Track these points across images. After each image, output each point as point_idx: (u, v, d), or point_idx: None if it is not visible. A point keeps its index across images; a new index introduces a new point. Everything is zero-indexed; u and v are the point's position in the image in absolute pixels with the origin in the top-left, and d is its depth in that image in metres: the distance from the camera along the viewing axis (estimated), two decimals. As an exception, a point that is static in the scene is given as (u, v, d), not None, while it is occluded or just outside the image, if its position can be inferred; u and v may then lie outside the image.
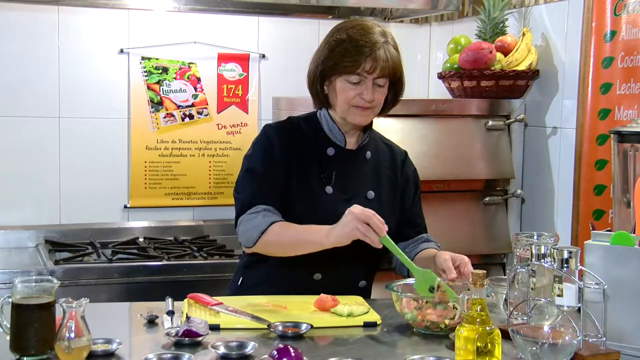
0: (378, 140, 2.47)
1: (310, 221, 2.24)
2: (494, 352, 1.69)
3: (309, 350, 1.89)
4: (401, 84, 2.36)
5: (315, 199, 2.32)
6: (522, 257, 2.08)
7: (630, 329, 1.91)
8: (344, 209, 2.15)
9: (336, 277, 2.33)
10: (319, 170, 2.33)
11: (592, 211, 2.90)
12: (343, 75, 2.27)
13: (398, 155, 2.48)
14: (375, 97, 2.28)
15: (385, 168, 2.43)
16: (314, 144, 2.36)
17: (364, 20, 2.37)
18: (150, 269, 3.04)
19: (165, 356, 1.77)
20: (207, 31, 3.65)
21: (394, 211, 2.40)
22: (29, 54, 3.42)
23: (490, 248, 3.19)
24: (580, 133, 2.97)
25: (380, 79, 2.26)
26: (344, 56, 2.25)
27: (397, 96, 2.38)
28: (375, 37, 2.25)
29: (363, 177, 2.38)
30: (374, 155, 2.42)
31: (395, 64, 2.27)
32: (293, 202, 2.31)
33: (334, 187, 2.33)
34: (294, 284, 2.31)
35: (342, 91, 2.28)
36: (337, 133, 2.36)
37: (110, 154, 3.56)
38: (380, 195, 2.38)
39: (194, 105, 3.65)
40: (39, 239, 3.39)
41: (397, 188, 2.44)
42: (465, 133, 3.17)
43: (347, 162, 2.37)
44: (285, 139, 2.34)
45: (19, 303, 1.78)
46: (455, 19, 3.76)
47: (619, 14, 2.82)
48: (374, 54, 2.23)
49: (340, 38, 2.29)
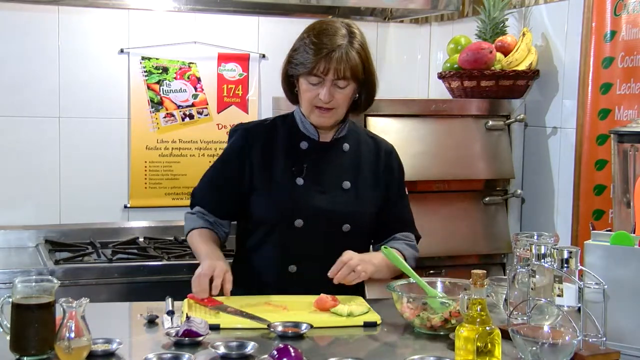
0: (362, 133, 2.52)
1: (285, 211, 2.35)
2: (494, 352, 1.69)
3: (309, 350, 1.89)
4: (371, 84, 2.40)
5: (285, 191, 2.37)
6: (522, 257, 2.08)
7: (630, 329, 1.91)
8: (316, 200, 2.34)
9: (311, 269, 2.36)
10: (291, 164, 2.39)
11: (592, 211, 2.90)
12: (303, 75, 2.33)
13: (383, 149, 2.51)
14: (335, 97, 2.32)
15: (368, 160, 2.46)
16: (288, 139, 2.43)
17: (332, 21, 2.41)
18: (150, 269, 3.04)
19: (165, 356, 1.78)
20: (207, 31, 3.65)
21: (374, 202, 2.44)
22: (29, 54, 3.42)
23: (490, 248, 3.19)
24: (580, 133, 2.97)
25: (340, 81, 2.31)
26: (303, 57, 2.32)
27: (370, 96, 2.43)
28: (336, 39, 2.30)
29: (339, 169, 2.42)
30: (353, 148, 2.46)
31: (354, 65, 2.30)
32: (262, 196, 2.39)
33: (306, 179, 2.38)
34: (269, 276, 2.36)
35: (304, 91, 2.36)
36: (310, 127, 2.42)
37: (110, 153, 3.56)
38: (357, 186, 2.42)
39: (194, 105, 3.65)
40: (39, 239, 3.39)
41: (380, 180, 2.46)
42: (465, 133, 3.17)
43: (322, 154, 2.42)
44: (251, 139, 2.42)
45: (19, 303, 1.78)
46: (455, 19, 3.76)
47: (619, 14, 2.82)
48: (329, 55, 2.28)
49: (303, 39, 2.36)
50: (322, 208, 2.36)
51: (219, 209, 2.45)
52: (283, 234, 2.37)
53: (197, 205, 2.48)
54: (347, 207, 2.38)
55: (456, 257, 3.15)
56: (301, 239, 2.36)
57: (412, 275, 2.23)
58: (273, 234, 2.39)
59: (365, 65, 2.34)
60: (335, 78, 2.29)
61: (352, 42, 2.32)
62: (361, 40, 2.35)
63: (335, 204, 2.37)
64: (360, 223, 2.40)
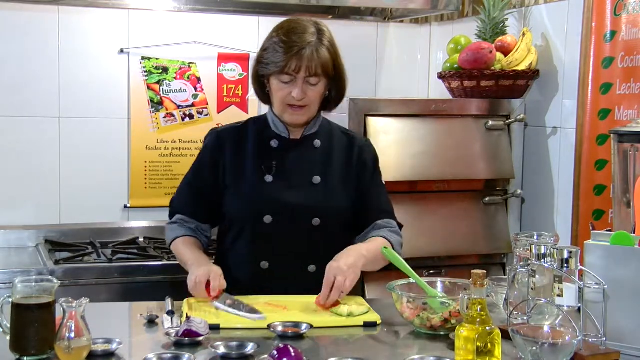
0: (335, 130, 2.54)
1: (254, 207, 2.39)
2: (494, 352, 1.70)
3: (309, 350, 1.89)
4: (341, 80, 2.44)
5: (253, 188, 2.41)
6: (522, 257, 2.08)
7: (630, 329, 1.91)
8: (285, 195, 2.38)
9: (283, 264, 2.39)
10: (261, 162, 2.43)
11: (592, 211, 2.90)
12: (275, 75, 2.36)
13: (357, 143, 2.53)
14: (307, 95, 2.36)
15: (340, 155, 2.49)
16: (259, 138, 2.47)
17: (300, 19, 2.43)
18: (150, 269, 3.04)
19: (165, 356, 1.78)
20: (207, 31, 3.65)
21: (346, 196, 2.45)
22: (29, 54, 3.42)
23: (490, 248, 3.19)
24: (580, 133, 2.97)
25: (312, 78, 2.34)
26: (273, 56, 2.35)
27: (341, 92, 2.47)
28: (305, 37, 2.33)
29: (310, 164, 2.45)
30: (325, 144, 2.48)
31: (325, 62, 2.34)
32: (232, 195, 2.43)
33: (275, 176, 2.41)
34: (243, 273, 2.38)
35: (276, 90, 2.39)
36: (280, 125, 2.45)
37: (110, 153, 3.56)
38: (328, 180, 2.44)
39: (194, 105, 3.65)
40: (39, 239, 3.38)
41: (353, 174, 2.48)
42: (465, 133, 3.17)
43: (292, 151, 2.45)
44: (222, 141, 2.47)
45: (19, 303, 1.78)
46: (455, 19, 3.76)
47: (619, 14, 2.82)
48: (300, 53, 2.31)
49: (272, 38, 2.39)
50: (290, 203, 2.39)
51: (199, 214, 2.49)
52: (253, 231, 2.41)
53: (177, 214, 2.51)
54: (317, 201, 2.40)
55: (456, 257, 3.15)
56: (271, 235, 2.39)
57: (412, 275, 2.23)
58: (244, 232, 2.43)
59: (335, 61, 2.39)
60: (307, 75, 2.33)
61: (322, 39, 2.36)
62: (330, 38, 2.39)
63: (304, 198, 2.40)
64: (331, 217, 2.42)
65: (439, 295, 2.18)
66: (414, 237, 3.05)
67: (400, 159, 3.05)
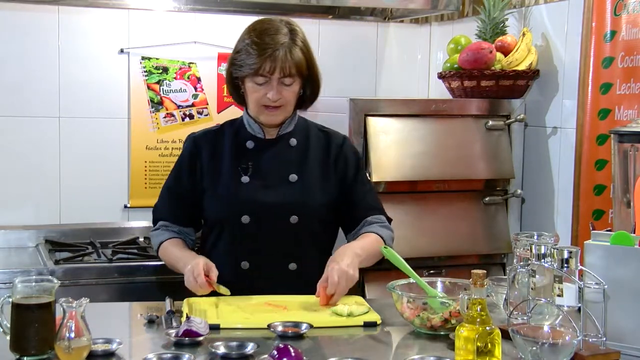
0: (312, 128, 2.55)
1: (231, 208, 2.41)
2: (494, 352, 1.69)
3: (309, 350, 1.89)
4: (315, 79, 2.46)
5: (230, 189, 2.43)
6: (522, 257, 2.08)
7: (630, 329, 1.91)
8: (261, 195, 2.40)
9: (263, 264, 2.40)
10: (237, 163, 2.44)
11: (592, 211, 2.90)
12: (249, 77, 2.37)
13: (334, 140, 2.54)
14: (282, 95, 2.37)
15: (317, 152, 2.50)
16: (235, 140, 2.49)
17: (272, 20, 2.44)
18: (150, 269, 3.03)
19: (165, 356, 1.78)
20: (207, 31, 3.65)
21: (325, 193, 2.46)
22: (29, 54, 3.42)
23: (490, 248, 3.19)
24: (580, 133, 2.97)
25: (286, 79, 2.36)
26: (247, 59, 2.36)
27: (315, 91, 2.48)
28: (278, 38, 2.35)
29: (286, 163, 2.46)
30: (301, 142, 2.50)
31: (298, 62, 2.36)
32: (210, 197, 2.46)
33: (252, 176, 2.43)
34: (225, 274, 2.36)
35: (250, 92, 2.40)
36: (255, 126, 2.48)
37: (110, 153, 3.56)
38: (305, 177, 2.45)
39: (194, 105, 3.65)
40: (39, 239, 3.38)
41: (331, 171, 2.49)
42: (465, 133, 3.17)
43: (267, 151, 2.47)
44: (199, 146, 2.50)
45: (19, 303, 1.78)
46: (455, 19, 3.76)
47: (619, 14, 2.82)
48: (273, 55, 2.33)
49: (244, 40, 2.40)
50: (267, 202, 2.40)
51: (181, 218, 2.51)
52: (232, 232, 2.42)
53: (159, 220, 2.53)
54: (294, 199, 2.41)
55: (456, 257, 3.15)
56: (250, 235, 2.40)
57: (412, 275, 2.23)
58: (224, 233, 2.44)
59: (308, 61, 2.40)
60: (281, 76, 2.34)
61: (294, 39, 2.37)
62: (302, 37, 2.41)
63: (281, 196, 2.41)
64: (309, 214, 2.43)
65: (439, 295, 2.18)
66: (414, 237, 3.06)
67: (400, 159, 3.05)
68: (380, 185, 3.03)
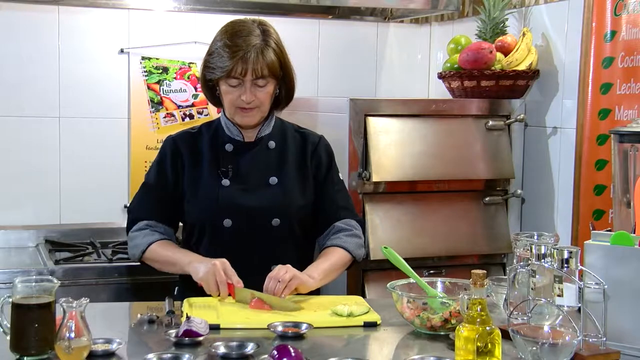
0: (289, 129, 2.55)
1: (213, 212, 2.40)
2: (494, 352, 1.69)
3: (309, 350, 1.89)
4: (289, 79, 2.45)
5: (211, 193, 2.42)
6: (522, 257, 2.08)
7: (630, 329, 1.91)
8: (242, 198, 2.39)
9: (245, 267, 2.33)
10: (217, 167, 2.44)
11: (592, 211, 2.90)
12: (222, 79, 2.37)
13: (310, 141, 2.53)
14: (256, 97, 2.37)
15: (294, 154, 2.50)
16: (214, 143, 2.48)
17: (244, 21, 2.44)
18: (150, 269, 3.03)
19: (165, 356, 1.78)
20: (207, 31, 3.63)
21: (304, 195, 2.47)
22: (29, 53, 3.42)
23: (490, 248, 3.19)
24: (580, 133, 2.97)
25: (259, 80, 2.36)
26: (219, 61, 2.36)
27: (290, 91, 2.48)
28: (250, 40, 2.34)
29: (265, 166, 2.46)
30: (280, 144, 2.50)
31: (270, 63, 2.35)
32: (190, 202, 2.44)
33: (232, 180, 2.43)
34: None
35: (225, 94, 2.40)
36: (234, 129, 2.48)
37: (110, 153, 3.56)
38: (284, 180, 2.45)
39: (194, 105, 3.65)
40: (39, 239, 3.38)
41: (308, 173, 2.49)
42: (465, 133, 3.17)
43: (247, 154, 2.47)
44: (179, 147, 2.48)
45: (19, 303, 1.78)
46: (455, 19, 3.76)
47: (619, 14, 2.82)
48: (245, 57, 2.32)
49: (216, 42, 2.40)
50: (248, 205, 2.40)
51: (165, 218, 2.48)
52: (214, 236, 2.42)
53: (141, 220, 2.46)
54: (274, 202, 2.42)
55: (456, 257, 3.15)
56: (232, 238, 2.40)
57: (412, 275, 2.23)
58: (205, 236, 2.44)
59: (282, 61, 2.39)
60: (254, 78, 2.34)
61: (267, 40, 2.37)
62: (276, 38, 2.40)
63: (262, 200, 2.41)
64: (290, 216, 2.43)
65: (439, 295, 2.18)
66: (414, 237, 3.06)
67: (400, 159, 3.05)
68: (380, 185, 3.04)
